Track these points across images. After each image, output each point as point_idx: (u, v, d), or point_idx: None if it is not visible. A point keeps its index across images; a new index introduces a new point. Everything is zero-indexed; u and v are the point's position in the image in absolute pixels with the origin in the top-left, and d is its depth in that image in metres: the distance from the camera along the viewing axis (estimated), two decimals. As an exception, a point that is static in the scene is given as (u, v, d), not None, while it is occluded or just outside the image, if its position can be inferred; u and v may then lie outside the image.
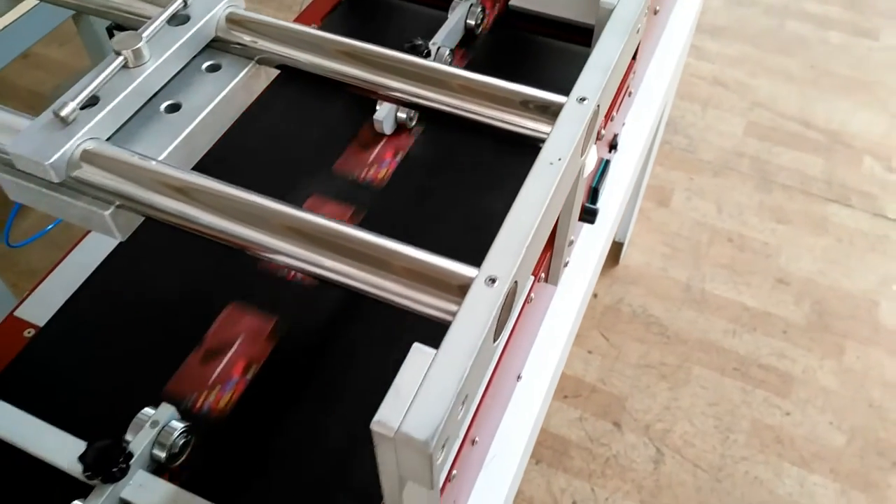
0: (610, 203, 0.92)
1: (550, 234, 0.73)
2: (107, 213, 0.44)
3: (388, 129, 0.80)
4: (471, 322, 0.35)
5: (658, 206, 1.90)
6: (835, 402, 1.57)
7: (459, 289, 0.38)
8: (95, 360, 0.65)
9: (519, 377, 0.78)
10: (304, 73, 0.54)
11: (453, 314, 0.37)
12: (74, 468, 0.56)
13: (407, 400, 0.33)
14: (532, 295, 0.70)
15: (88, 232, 0.76)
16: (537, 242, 0.40)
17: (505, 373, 0.70)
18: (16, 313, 0.68)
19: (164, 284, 0.70)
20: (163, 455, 0.56)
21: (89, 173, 0.44)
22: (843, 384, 1.60)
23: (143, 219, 0.46)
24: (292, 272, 0.68)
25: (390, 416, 0.32)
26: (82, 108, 0.45)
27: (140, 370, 0.64)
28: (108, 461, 0.52)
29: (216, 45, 0.53)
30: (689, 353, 1.66)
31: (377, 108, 0.80)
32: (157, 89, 0.50)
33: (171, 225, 0.44)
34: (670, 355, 1.65)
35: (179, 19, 0.51)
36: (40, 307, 0.68)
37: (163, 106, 0.50)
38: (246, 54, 0.53)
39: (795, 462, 1.50)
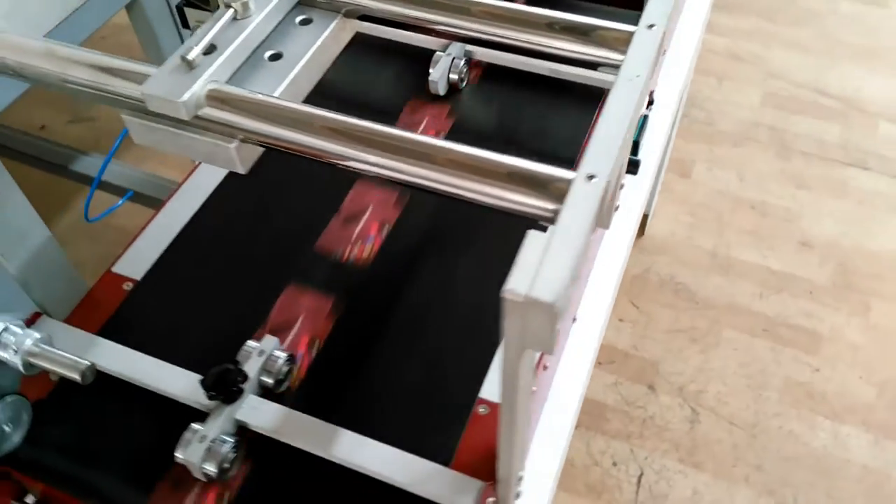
0: (650, 157, 0.97)
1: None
2: (232, 146, 0.49)
3: (441, 89, 0.85)
4: (578, 210, 0.40)
5: (680, 177, 1.94)
6: (863, 357, 1.61)
7: (560, 189, 0.43)
8: (193, 305, 0.70)
9: (574, 319, 0.83)
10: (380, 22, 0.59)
11: (555, 211, 0.42)
12: (189, 396, 0.62)
13: (531, 271, 0.38)
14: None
15: (167, 200, 0.81)
16: (626, 145, 0.45)
17: (565, 309, 0.75)
18: (113, 269, 0.74)
19: (250, 236, 0.75)
20: (270, 381, 0.62)
21: (215, 111, 0.49)
22: (871, 340, 1.64)
23: (261, 151, 0.51)
24: (348, 254, 0.74)
25: (519, 285, 0.37)
26: (203, 54, 0.50)
27: (235, 312, 0.69)
28: (227, 382, 0.57)
29: (305, 2, 0.59)
30: (719, 317, 1.70)
31: (430, 70, 0.85)
32: (261, 40, 0.55)
33: (288, 152, 0.49)
34: (700, 319, 1.70)
35: (275, -24, 0.56)
36: (133, 263, 0.74)
37: (266, 55, 0.55)
38: (332, 8, 0.58)
39: (828, 416, 1.54)
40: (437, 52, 0.85)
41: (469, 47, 0.87)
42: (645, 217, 1.82)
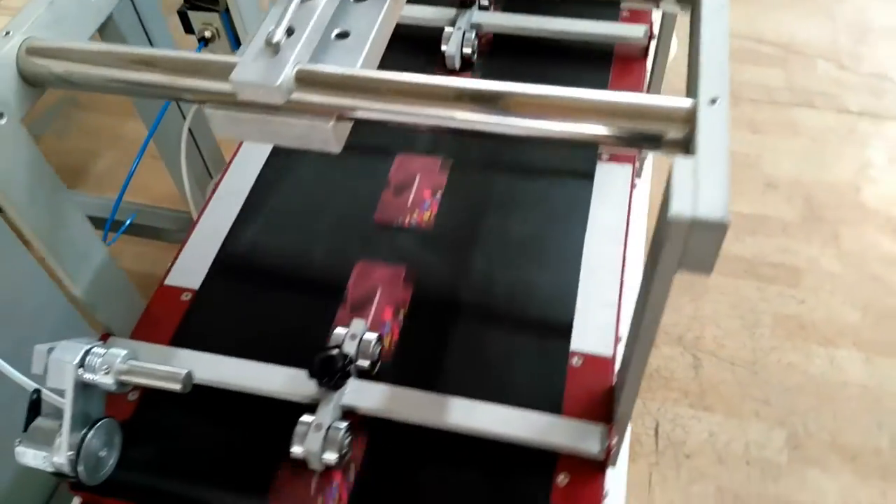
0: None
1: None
2: (329, 125, 0.49)
3: (457, 63, 0.86)
4: (713, 132, 0.42)
5: (641, 137, 1.99)
6: (842, 283, 1.69)
7: (683, 116, 0.44)
8: (261, 303, 0.69)
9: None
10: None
11: (683, 139, 0.43)
12: (289, 390, 0.61)
13: (689, 195, 0.39)
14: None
15: (202, 211, 0.79)
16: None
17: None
18: (166, 283, 0.72)
19: (301, 226, 0.74)
20: (367, 363, 0.61)
21: (307, 93, 0.49)
22: (846, 266, 1.72)
23: (350, 126, 0.51)
24: (409, 220, 0.74)
25: (683, 208, 0.38)
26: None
27: (307, 302, 0.68)
28: (334, 368, 0.56)
29: (357, -20, 0.58)
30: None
31: (443, 47, 0.85)
32: (327, 21, 0.54)
33: (387, 124, 0.49)
34: (684, 270, 1.74)
35: (328, -44, 0.55)
36: (186, 275, 0.72)
37: (333, 35, 0.54)
38: (385, -17, 0.58)
39: (821, 343, 1.61)
40: (447, 28, 0.86)
41: (476, 19, 0.87)
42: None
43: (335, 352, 0.57)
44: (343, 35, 0.54)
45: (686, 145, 0.43)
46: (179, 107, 1.21)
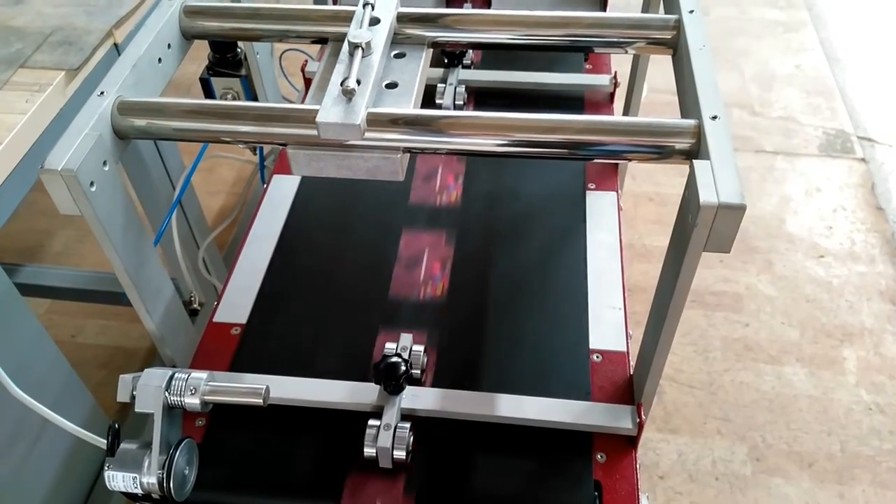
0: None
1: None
2: (398, 156, 0.58)
3: (451, 116, 0.97)
4: (719, 140, 0.53)
5: (584, 186, 2.14)
6: (779, 305, 1.85)
7: (692, 131, 0.55)
8: (308, 330, 0.76)
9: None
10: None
11: (693, 147, 0.54)
12: (357, 401, 0.67)
13: (712, 188, 0.49)
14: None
15: (238, 253, 0.86)
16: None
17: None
18: (214, 320, 0.78)
19: (333, 260, 0.82)
20: (417, 372, 0.69)
21: (377, 131, 0.58)
22: (781, 290, 1.88)
23: (408, 157, 0.60)
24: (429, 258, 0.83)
25: (709, 197, 0.49)
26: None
27: (350, 325, 0.76)
28: (398, 372, 0.64)
29: (396, 40, 0.68)
30: (651, 299, 1.89)
31: (439, 101, 0.96)
32: (382, 74, 0.64)
33: (443, 153, 0.58)
34: (637, 304, 1.85)
35: (372, 21, 0.66)
36: (231, 311, 0.78)
37: (383, 84, 0.64)
38: (418, 42, 0.68)
39: (768, 361, 1.75)
40: (439, 85, 0.97)
41: (462, 76, 0.98)
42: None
43: (397, 359, 0.64)
44: (392, 85, 0.64)
45: (696, 153, 0.54)
46: (169, 176, 1.27)
